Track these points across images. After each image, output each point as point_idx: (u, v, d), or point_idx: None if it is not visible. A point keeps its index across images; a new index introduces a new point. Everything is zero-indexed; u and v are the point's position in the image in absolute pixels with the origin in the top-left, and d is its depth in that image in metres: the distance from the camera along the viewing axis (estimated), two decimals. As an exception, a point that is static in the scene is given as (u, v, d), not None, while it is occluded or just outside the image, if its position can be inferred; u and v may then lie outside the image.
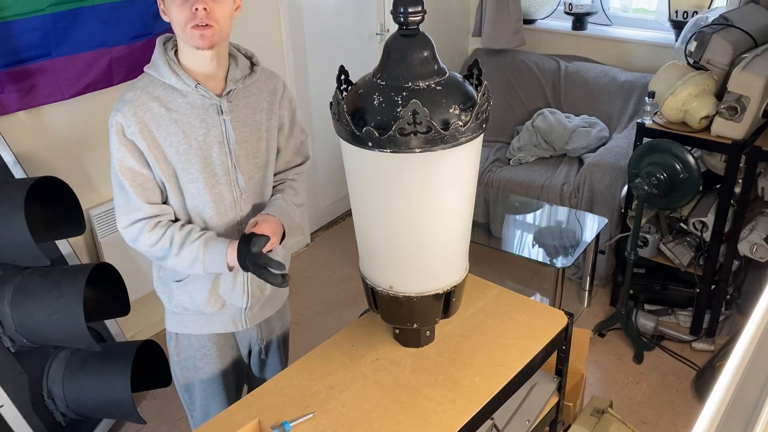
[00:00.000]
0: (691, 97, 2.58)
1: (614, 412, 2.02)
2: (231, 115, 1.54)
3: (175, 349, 1.77)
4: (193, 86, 1.49)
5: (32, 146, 2.44)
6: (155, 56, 1.51)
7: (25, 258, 2.08)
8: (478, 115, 1.18)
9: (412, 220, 1.26)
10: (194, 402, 1.82)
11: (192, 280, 1.63)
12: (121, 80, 2.61)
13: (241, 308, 1.71)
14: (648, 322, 2.94)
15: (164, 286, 1.69)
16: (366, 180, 1.27)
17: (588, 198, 3.16)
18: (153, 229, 1.52)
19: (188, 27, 1.42)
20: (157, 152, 1.49)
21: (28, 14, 2.26)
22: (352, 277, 3.43)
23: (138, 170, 1.50)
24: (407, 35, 1.22)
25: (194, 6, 1.40)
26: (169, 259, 1.55)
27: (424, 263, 1.32)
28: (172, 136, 1.48)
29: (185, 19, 1.41)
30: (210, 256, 1.53)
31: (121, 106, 1.47)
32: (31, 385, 2.18)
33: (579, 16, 3.99)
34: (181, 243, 1.53)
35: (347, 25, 3.71)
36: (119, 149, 1.48)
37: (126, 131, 1.46)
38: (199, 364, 1.76)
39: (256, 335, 1.82)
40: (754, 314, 0.71)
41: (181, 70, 1.49)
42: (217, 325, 1.73)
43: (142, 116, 1.46)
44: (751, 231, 2.68)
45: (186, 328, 1.73)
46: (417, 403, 1.34)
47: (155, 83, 1.49)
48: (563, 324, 1.55)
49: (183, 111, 1.49)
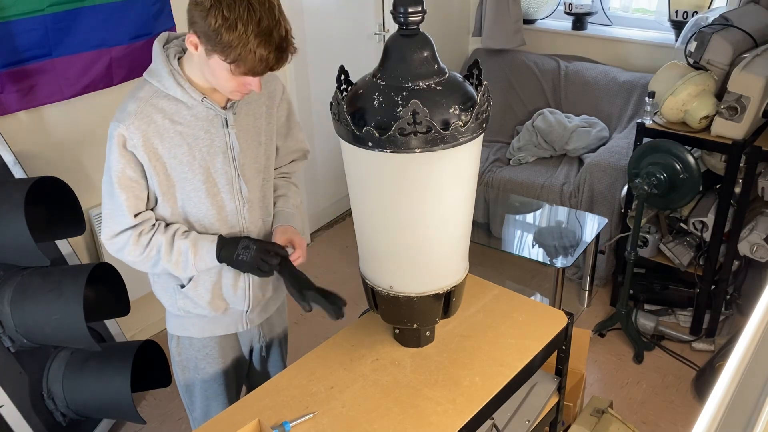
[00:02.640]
0: (691, 97, 2.58)
1: (614, 412, 2.02)
2: (235, 126, 1.52)
3: (176, 349, 1.77)
4: (199, 100, 1.45)
5: (32, 146, 2.44)
6: (157, 64, 1.44)
7: (25, 258, 2.08)
8: (478, 115, 1.18)
9: (412, 220, 1.26)
10: (194, 402, 1.82)
11: (194, 286, 1.62)
12: (121, 80, 2.61)
13: (243, 311, 1.71)
14: (648, 322, 2.94)
15: (165, 290, 1.67)
16: (366, 180, 1.27)
17: (588, 198, 3.16)
18: (138, 239, 1.49)
19: (233, 92, 1.41)
20: (158, 164, 1.46)
21: (28, 14, 2.26)
22: (352, 277, 3.43)
23: (136, 180, 1.47)
24: (407, 35, 1.22)
25: (250, 85, 1.38)
26: (158, 266, 1.54)
27: (424, 263, 1.32)
28: (177, 147, 1.46)
29: (233, 88, 1.39)
30: (200, 258, 1.53)
31: (123, 117, 1.41)
32: (31, 385, 2.18)
33: (579, 16, 3.99)
34: (169, 249, 1.50)
35: (347, 25, 3.71)
36: (119, 160, 1.44)
37: (128, 144, 1.42)
38: (201, 365, 1.76)
39: (257, 334, 1.82)
40: (754, 314, 0.71)
41: (187, 83, 1.43)
42: (219, 328, 1.73)
43: (146, 129, 1.42)
44: (751, 231, 2.68)
45: (188, 330, 1.72)
46: (417, 404, 1.34)
47: (159, 94, 1.44)
48: (563, 324, 1.55)
49: (188, 123, 1.46)
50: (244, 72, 1.32)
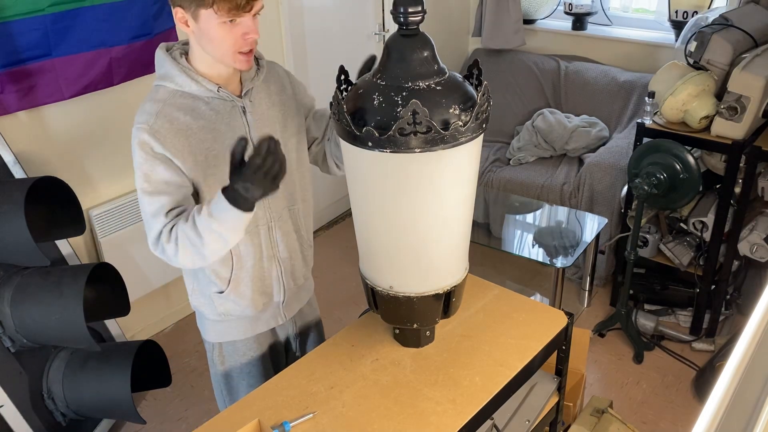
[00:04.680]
0: (691, 97, 2.58)
1: (614, 412, 2.02)
2: (252, 114, 1.53)
3: (219, 358, 1.75)
4: (215, 90, 1.45)
5: (32, 146, 2.44)
6: (166, 67, 1.45)
7: (25, 258, 2.08)
8: (478, 115, 1.18)
9: (412, 220, 1.26)
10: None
11: (235, 286, 1.61)
12: (120, 80, 2.61)
13: (279, 302, 1.72)
14: (648, 322, 2.94)
15: (203, 297, 1.65)
16: (366, 180, 1.27)
17: (588, 198, 3.17)
18: (169, 237, 1.45)
19: (235, 52, 1.39)
20: (189, 161, 1.44)
21: (28, 14, 2.26)
22: (352, 277, 3.43)
23: (167, 180, 1.43)
24: (407, 35, 1.22)
25: (248, 34, 1.38)
26: (205, 253, 1.43)
27: (424, 263, 1.32)
28: (201, 143, 1.45)
29: (232, 44, 1.38)
30: (230, 225, 1.39)
31: (146, 119, 1.41)
32: (31, 385, 2.18)
33: (579, 16, 3.99)
34: (197, 235, 1.41)
35: (347, 25, 3.71)
36: (147, 161, 1.41)
37: (155, 145, 1.41)
38: (245, 368, 1.76)
39: (292, 329, 1.83)
40: (754, 314, 0.71)
41: (200, 77, 1.44)
42: (260, 324, 1.72)
43: (170, 128, 1.41)
44: (751, 231, 2.68)
45: (230, 335, 1.71)
46: (417, 403, 1.34)
47: (176, 94, 1.45)
48: (563, 324, 1.55)
49: (209, 118, 1.46)
50: (228, 9, 1.33)
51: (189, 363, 2.92)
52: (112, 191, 2.74)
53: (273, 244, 1.64)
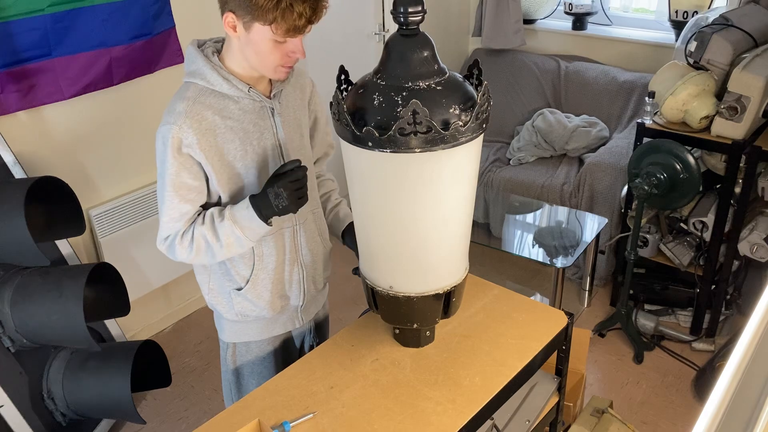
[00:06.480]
0: (691, 97, 2.58)
1: (614, 412, 2.02)
2: (281, 116, 1.53)
3: (231, 358, 1.75)
4: (246, 90, 1.45)
5: (32, 146, 2.44)
6: (197, 64, 1.44)
7: (25, 258, 2.08)
8: (478, 115, 1.18)
9: (412, 220, 1.26)
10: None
11: (253, 286, 1.61)
12: (120, 80, 2.61)
13: (298, 306, 1.71)
14: (648, 322, 2.94)
15: (221, 296, 1.65)
16: (366, 180, 1.27)
17: (588, 198, 3.17)
18: (182, 239, 1.48)
19: (278, 66, 1.41)
20: (215, 161, 1.45)
21: (28, 14, 2.26)
22: (352, 277, 3.43)
23: (192, 185, 1.45)
24: (407, 35, 1.22)
25: (294, 53, 1.39)
26: (218, 255, 1.50)
27: (424, 263, 1.32)
28: (229, 143, 1.45)
29: (278, 60, 1.39)
30: (249, 230, 1.46)
31: (174, 118, 1.40)
32: (31, 385, 2.18)
33: (579, 16, 3.99)
34: (215, 238, 1.47)
35: (347, 25, 3.71)
36: (173, 164, 1.41)
37: (183, 145, 1.40)
38: (257, 369, 1.76)
39: (308, 330, 1.83)
40: (754, 314, 0.71)
41: (231, 76, 1.44)
42: (277, 327, 1.73)
43: (199, 127, 1.41)
44: (751, 231, 2.68)
45: (246, 335, 1.71)
46: (417, 403, 1.34)
47: (205, 92, 1.44)
48: (563, 324, 1.55)
49: (237, 117, 1.46)
50: (285, 30, 1.33)
51: (189, 363, 2.93)
52: (112, 191, 2.74)
53: (297, 248, 1.64)
